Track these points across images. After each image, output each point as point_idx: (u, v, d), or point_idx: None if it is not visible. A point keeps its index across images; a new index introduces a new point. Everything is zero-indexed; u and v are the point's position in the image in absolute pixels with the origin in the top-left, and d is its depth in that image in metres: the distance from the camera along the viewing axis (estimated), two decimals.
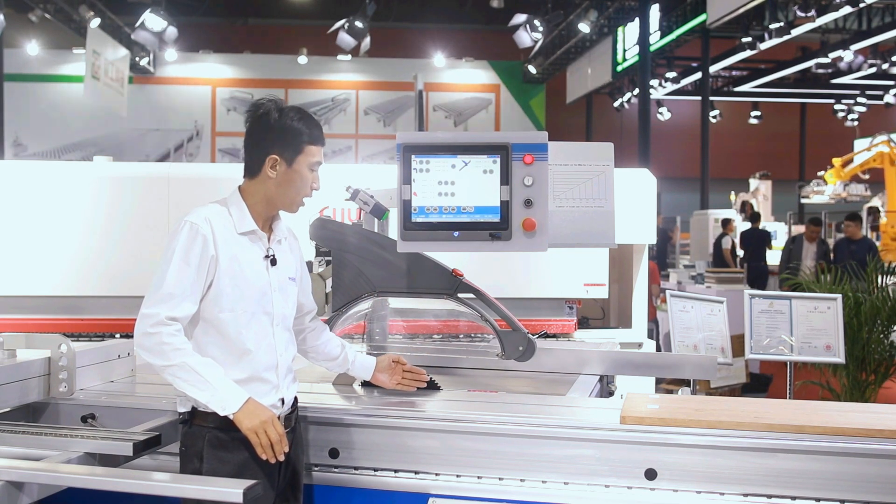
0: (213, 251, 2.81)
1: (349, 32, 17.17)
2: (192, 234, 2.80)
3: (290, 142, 2.88)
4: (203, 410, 2.80)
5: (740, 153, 29.42)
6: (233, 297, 2.83)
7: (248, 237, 2.90)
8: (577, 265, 5.23)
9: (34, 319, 5.21)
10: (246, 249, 2.88)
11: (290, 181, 2.90)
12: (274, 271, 2.93)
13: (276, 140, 2.88)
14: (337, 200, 5.00)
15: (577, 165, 3.33)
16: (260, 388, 2.84)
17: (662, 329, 9.38)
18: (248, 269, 2.87)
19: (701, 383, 6.80)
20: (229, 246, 2.84)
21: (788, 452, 2.77)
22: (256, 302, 2.87)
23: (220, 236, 2.83)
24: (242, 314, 2.84)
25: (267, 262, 2.92)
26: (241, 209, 2.91)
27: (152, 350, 2.73)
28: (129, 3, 18.85)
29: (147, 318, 2.74)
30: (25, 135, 23.99)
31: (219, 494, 2.38)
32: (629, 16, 20.71)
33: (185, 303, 2.77)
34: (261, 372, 2.86)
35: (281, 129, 2.88)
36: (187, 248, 2.78)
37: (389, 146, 22.69)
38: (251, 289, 2.86)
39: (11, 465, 2.64)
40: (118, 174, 5.37)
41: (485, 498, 2.92)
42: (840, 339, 5.27)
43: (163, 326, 2.72)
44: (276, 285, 2.93)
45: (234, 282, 2.83)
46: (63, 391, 3.35)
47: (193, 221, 2.81)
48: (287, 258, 3.01)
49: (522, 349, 3.43)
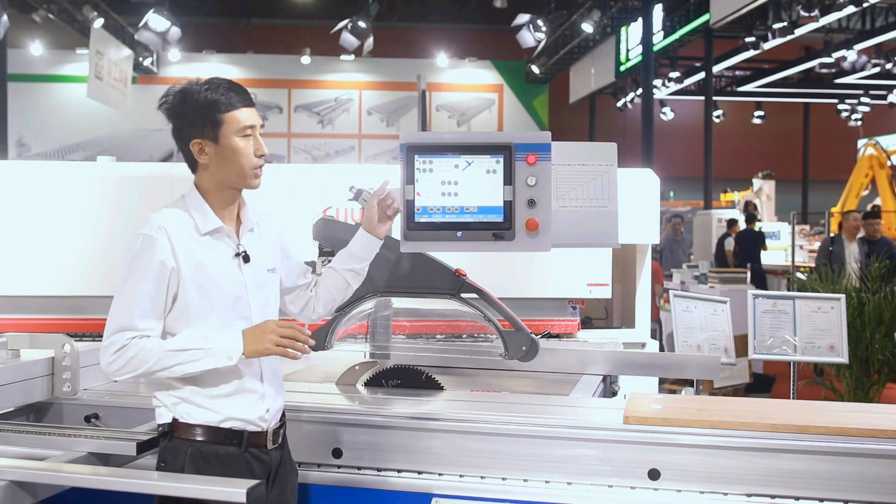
0: (173, 262, 2.57)
1: (352, 32, 17.18)
2: (147, 247, 2.57)
3: (205, 117, 2.61)
4: (186, 422, 2.62)
5: (743, 153, 29.39)
6: (203, 308, 2.61)
7: (213, 236, 2.66)
8: (580, 265, 5.23)
9: (37, 319, 5.21)
10: (212, 251, 2.65)
11: (226, 159, 2.64)
12: (248, 269, 2.70)
13: (191, 123, 2.63)
14: (340, 201, 5.01)
15: (581, 165, 3.33)
16: (244, 400, 2.66)
17: (666, 329, 9.37)
18: (217, 273, 2.63)
19: (704, 383, 6.79)
20: (192, 252, 2.60)
21: (792, 453, 2.77)
22: (230, 309, 2.64)
23: (180, 243, 2.59)
24: (216, 326, 2.60)
25: (238, 261, 2.68)
26: (200, 207, 2.67)
27: (127, 369, 2.55)
28: (133, 4, 18.85)
29: (109, 348, 2.54)
30: (29, 135, 24.02)
31: (222, 494, 2.38)
32: (632, 16, 20.69)
33: (147, 322, 2.56)
34: (244, 384, 2.66)
35: (191, 109, 2.62)
36: (143, 263, 2.56)
37: (392, 146, 22.67)
38: (223, 296, 2.63)
39: (16, 464, 2.65)
40: (121, 174, 5.37)
41: (488, 498, 2.92)
42: (843, 339, 5.26)
43: (124, 348, 2.53)
44: (251, 284, 2.70)
45: (203, 291, 2.61)
46: (67, 391, 3.36)
47: (147, 233, 2.58)
48: (262, 248, 2.78)
49: (526, 349, 3.42)
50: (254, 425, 2.68)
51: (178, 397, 2.64)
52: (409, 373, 3.61)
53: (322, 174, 5.67)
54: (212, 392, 2.63)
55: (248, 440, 2.66)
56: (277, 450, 2.76)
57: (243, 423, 2.66)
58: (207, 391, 2.63)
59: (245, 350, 2.56)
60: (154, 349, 2.54)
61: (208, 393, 2.63)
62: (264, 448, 2.70)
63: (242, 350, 2.56)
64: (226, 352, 2.56)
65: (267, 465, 2.70)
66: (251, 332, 2.59)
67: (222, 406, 2.64)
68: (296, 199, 5.17)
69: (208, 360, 2.55)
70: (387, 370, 3.63)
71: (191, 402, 2.63)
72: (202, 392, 2.63)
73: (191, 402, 2.63)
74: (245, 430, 2.66)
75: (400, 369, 3.63)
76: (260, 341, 2.57)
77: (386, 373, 3.63)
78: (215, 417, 2.63)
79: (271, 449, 2.72)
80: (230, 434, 2.64)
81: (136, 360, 2.53)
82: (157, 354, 2.53)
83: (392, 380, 3.61)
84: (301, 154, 25.08)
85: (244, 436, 2.66)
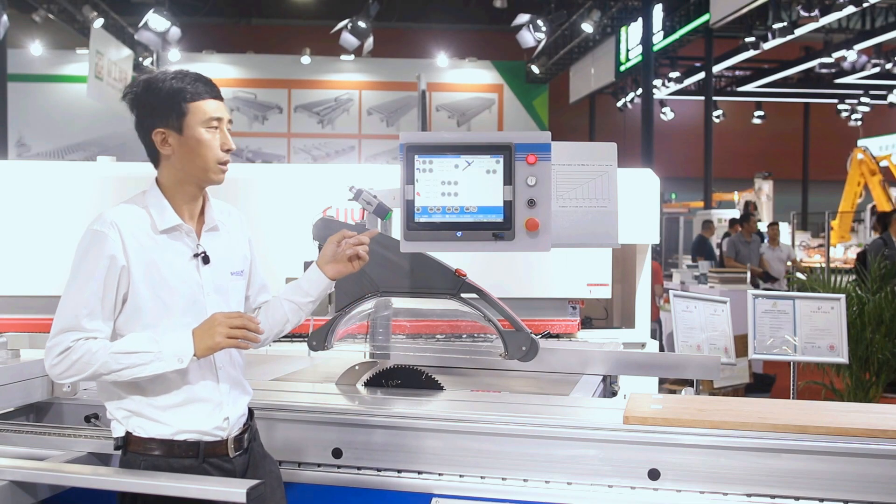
0: (124, 260, 2.44)
1: (352, 32, 17.17)
2: (96, 243, 2.45)
3: (169, 106, 2.50)
4: (139, 436, 2.49)
5: (743, 153, 29.40)
6: (155, 311, 2.46)
7: (170, 234, 2.52)
8: (580, 265, 5.23)
9: (37, 319, 5.20)
10: (167, 250, 2.51)
11: (190, 150, 2.52)
12: (207, 271, 2.56)
13: (153, 112, 2.51)
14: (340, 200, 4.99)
15: (581, 165, 3.33)
16: (200, 410, 2.52)
17: (666, 329, 9.37)
18: (172, 274, 2.49)
19: (704, 383, 6.79)
20: (145, 250, 2.47)
21: (792, 453, 2.77)
22: (184, 312, 2.49)
23: (132, 240, 2.46)
24: (169, 330, 2.45)
25: (197, 262, 2.55)
26: (159, 203, 2.54)
27: (71, 371, 2.42)
28: (133, 4, 18.87)
29: (53, 349, 2.41)
30: (29, 135, 24.03)
31: (222, 494, 2.37)
32: (632, 16, 20.70)
33: (95, 322, 2.43)
34: (197, 392, 2.52)
35: (155, 98, 2.51)
36: (91, 260, 2.45)
37: (392, 146, 22.66)
38: (177, 298, 2.49)
39: (16, 464, 2.65)
40: (121, 174, 5.37)
41: (488, 498, 2.92)
42: (843, 339, 5.26)
43: (68, 350, 2.40)
44: (210, 287, 2.56)
45: (155, 292, 2.46)
46: (66, 391, 3.36)
47: (97, 229, 2.47)
48: (227, 249, 2.64)
49: (525, 349, 3.42)
50: (210, 435, 2.54)
51: (129, 410, 2.51)
52: (409, 373, 3.61)
53: (322, 174, 5.67)
54: (161, 402, 2.49)
55: (205, 451, 2.53)
56: (243, 455, 2.62)
57: (199, 435, 2.52)
58: (156, 401, 2.49)
59: (196, 349, 2.43)
60: (100, 351, 2.40)
61: (158, 403, 2.49)
62: (225, 457, 2.56)
63: (193, 350, 2.43)
64: (175, 354, 2.42)
65: (230, 473, 2.57)
66: (199, 329, 2.45)
67: (173, 418, 2.50)
68: (296, 199, 5.17)
69: (157, 363, 2.41)
70: (387, 370, 3.63)
71: (141, 416, 2.50)
72: (151, 403, 2.49)
73: (141, 416, 2.50)
74: (201, 441, 2.52)
75: (400, 369, 3.63)
76: (209, 336, 2.42)
77: (386, 373, 3.62)
78: (167, 430, 2.50)
79: (234, 456, 2.58)
80: (185, 446, 2.51)
81: (80, 363, 2.40)
82: (102, 357, 2.40)
83: (392, 380, 3.61)
84: (301, 154, 25.09)
85: (200, 447, 2.52)
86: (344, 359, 3.79)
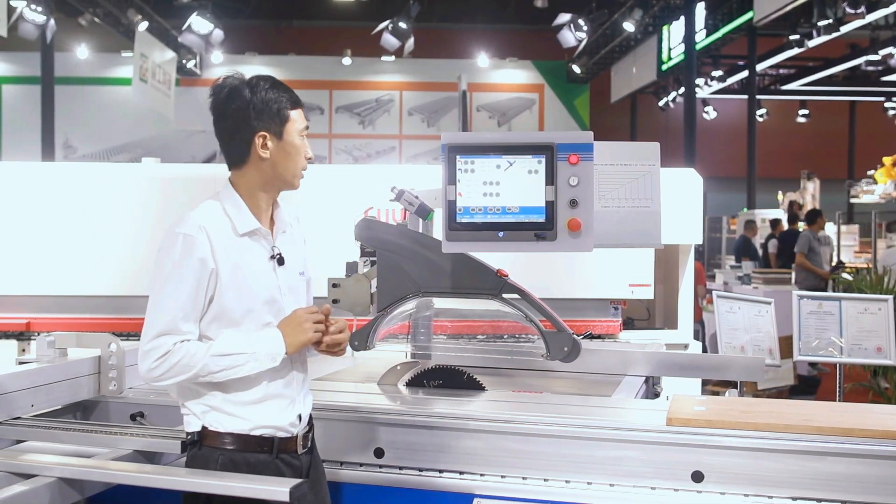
0: (213, 263, 2.52)
1: (393, 33, 17.21)
2: (187, 248, 2.50)
3: (274, 113, 2.61)
4: (215, 430, 2.57)
5: (787, 152, 29.02)
6: (239, 312, 2.55)
7: (250, 237, 2.61)
8: (622, 265, 5.20)
9: (85, 319, 5.29)
10: (248, 253, 2.60)
11: (286, 155, 2.63)
12: (282, 272, 2.66)
13: (258, 115, 2.60)
14: (382, 201, 5.01)
15: (623, 165, 3.31)
16: (277, 405, 2.62)
17: (709, 330, 9.29)
18: (253, 276, 2.58)
19: (748, 385, 6.71)
20: (230, 253, 2.55)
21: (837, 456, 2.74)
22: (265, 313, 2.59)
23: (219, 243, 2.54)
24: (248, 330, 2.56)
25: (273, 263, 2.64)
26: (238, 206, 2.62)
27: (169, 374, 2.50)
28: (176, 7, 19.05)
29: (151, 353, 2.48)
30: (75, 137, 24.36)
31: (266, 493, 2.40)
32: (674, 14, 20.51)
33: (189, 325, 2.51)
34: (275, 389, 2.61)
35: (260, 102, 2.60)
36: (183, 263, 2.50)
37: (433, 147, 22.69)
38: (258, 299, 2.58)
39: (64, 461, 2.70)
40: (166, 175, 5.44)
41: (530, 499, 2.92)
42: (891, 340, 5.18)
43: (168, 353, 2.48)
44: (285, 287, 2.66)
45: (239, 294, 2.55)
46: (113, 389, 3.40)
47: (187, 232, 2.52)
48: (294, 251, 2.74)
49: (567, 350, 3.41)
50: (284, 431, 2.64)
51: (208, 405, 2.59)
52: (450, 373, 3.61)
53: (363, 175, 5.70)
54: (241, 399, 2.58)
55: (278, 446, 2.62)
56: (308, 453, 2.74)
57: (274, 430, 2.61)
58: (236, 397, 2.58)
59: (287, 346, 2.55)
60: (198, 354, 2.49)
61: (237, 399, 2.58)
62: (294, 453, 2.66)
63: (287, 349, 2.56)
64: (269, 354, 2.54)
65: (298, 470, 2.67)
66: (286, 327, 2.58)
67: (252, 413, 2.59)
68: (337, 200, 5.19)
69: (253, 363, 2.53)
70: (428, 370, 3.64)
71: (220, 411, 2.58)
72: (231, 399, 2.58)
73: (220, 411, 2.58)
74: (276, 437, 2.61)
75: (441, 369, 3.64)
76: (300, 332, 2.57)
77: (427, 373, 3.63)
78: (245, 425, 2.58)
79: (301, 453, 2.69)
80: (261, 441, 2.59)
81: (179, 366, 2.48)
82: (202, 359, 2.49)
83: (433, 380, 3.62)
84: (342, 155, 25.19)
85: (275, 442, 2.61)
86: (385, 359, 3.81)
